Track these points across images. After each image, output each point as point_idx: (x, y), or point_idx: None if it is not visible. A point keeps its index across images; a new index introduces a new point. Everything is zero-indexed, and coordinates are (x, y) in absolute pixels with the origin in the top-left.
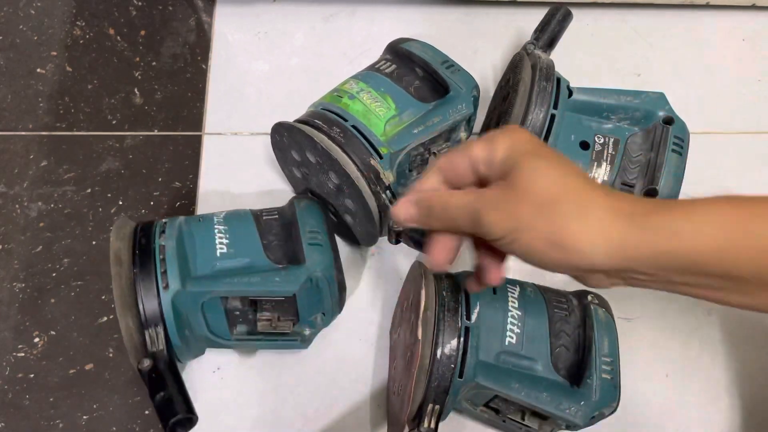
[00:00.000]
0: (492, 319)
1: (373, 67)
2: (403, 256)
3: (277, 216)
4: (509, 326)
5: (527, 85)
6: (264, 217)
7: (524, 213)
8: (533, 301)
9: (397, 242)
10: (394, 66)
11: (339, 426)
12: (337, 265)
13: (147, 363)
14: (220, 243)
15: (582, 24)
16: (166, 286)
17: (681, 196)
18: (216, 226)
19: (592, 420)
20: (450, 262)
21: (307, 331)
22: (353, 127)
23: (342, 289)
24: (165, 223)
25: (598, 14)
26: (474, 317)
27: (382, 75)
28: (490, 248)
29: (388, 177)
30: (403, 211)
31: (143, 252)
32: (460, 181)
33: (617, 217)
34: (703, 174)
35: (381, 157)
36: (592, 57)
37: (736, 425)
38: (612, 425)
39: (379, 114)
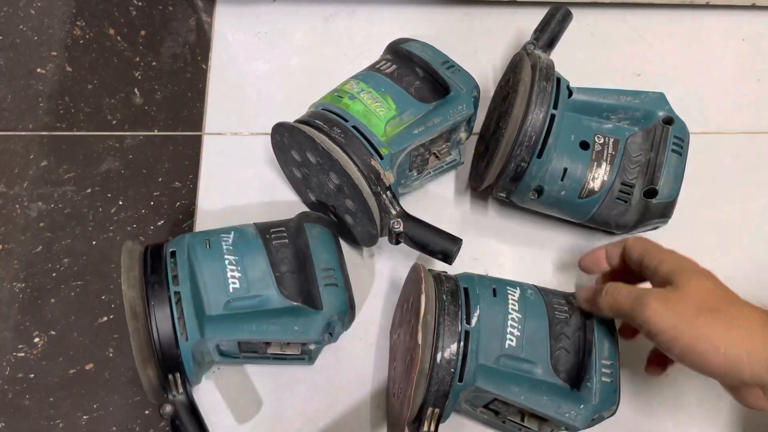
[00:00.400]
0: (492, 321)
1: (373, 68)
2: (403, 257)
3: (286, 239)
4: (509, 329)
5: (527, 85)
6: (273, 242)
7: (688, 311)
8: (533, 303)
9: (398, 243)
10: (394, 66)
11: (339, 426)
12: (350, 302)
13: (169, 409)
14: (232, 277)
15: (582, 24)
16: (185, 336)
17: (681, 197)
18: (226, 257)
19: (592, 422)
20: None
21: (312, 347)
22: (354, 127)
23: (352, 318)
24: (174, 253)
25: (598, 14)
26: (474, 321)
27: (383, 75)
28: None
29: (389, 177)
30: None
31: (158, 300)
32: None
33: None
34: (703, 174)
35: (381, 158)
36: (592, 57)
37: (737, 425)
38: (612, 425)
39: (379, 114)
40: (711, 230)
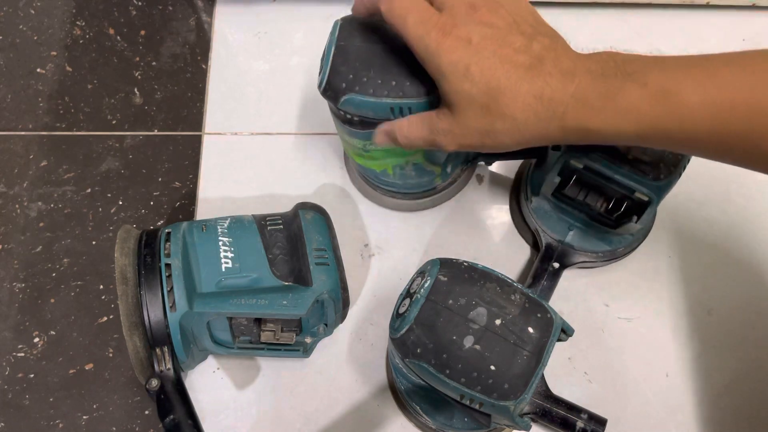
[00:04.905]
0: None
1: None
2: (403, 256)
3: (281, 226)
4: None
5: None
6: (268, 227)
7: (474, 131)
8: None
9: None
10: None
11: (339, 426)
12: (342, 284)
13: (155, 383)
14: (225, 257)
15: (582, 24)
16: (173, 307)
17: (682, 196)
18: (220, 238)
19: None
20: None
21: (308, 340)
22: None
23: (346, 304)
24: (169, 233)
25: (598, 14)
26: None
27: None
28: None
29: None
30: (382, 140)
31: (149, 270)
32: None
33: (576, 102)
34: (703, 173)
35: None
36: None
37: (737, 425)
38: (612, 425)
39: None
40: (711, 230)
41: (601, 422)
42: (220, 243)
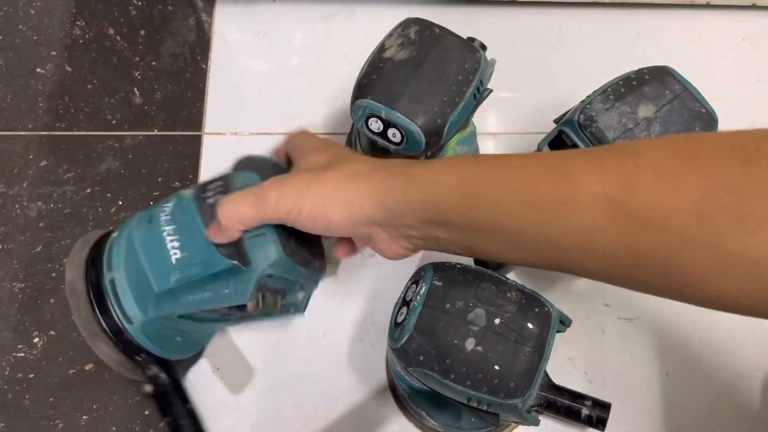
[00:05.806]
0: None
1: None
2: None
3: (223, 193)
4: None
5: None
6: (209, 200)
7: (301, 185)
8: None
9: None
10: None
11: (339, 426)
12: (290, 249)
13: (148, 388)
14: (173, 248)
15: (582, 24)
16: (129, 321)
17: None
18: (163, 228)
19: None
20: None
21: (301, 296)
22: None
23: (308, 262)
24: (114, 238)
25: (598, 14)
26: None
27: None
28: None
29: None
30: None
31: (96, 289)
32: None
33: (378, 170)
34: None
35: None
36: (592, 57)
37: (737, 426)
38: (612, 425)
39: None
40: None
41: (605, 406)
42: (164, 233)
